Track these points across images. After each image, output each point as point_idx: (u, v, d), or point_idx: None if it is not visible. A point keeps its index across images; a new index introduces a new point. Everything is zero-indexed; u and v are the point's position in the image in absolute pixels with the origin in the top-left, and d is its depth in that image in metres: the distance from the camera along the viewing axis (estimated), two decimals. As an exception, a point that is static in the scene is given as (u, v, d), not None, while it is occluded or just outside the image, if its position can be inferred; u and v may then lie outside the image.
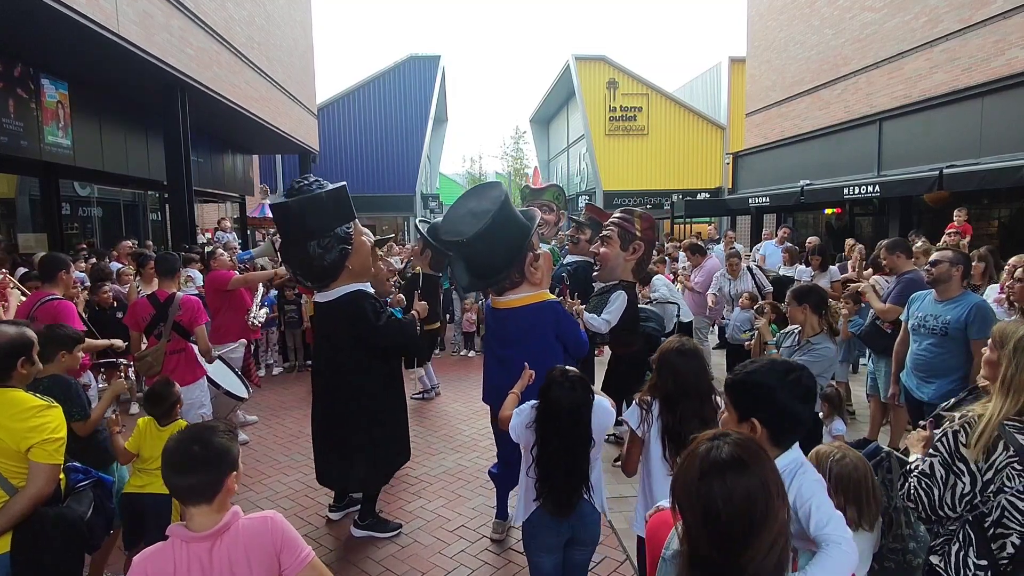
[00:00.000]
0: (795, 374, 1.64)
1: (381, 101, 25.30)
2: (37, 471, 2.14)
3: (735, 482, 1.12)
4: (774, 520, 1.12)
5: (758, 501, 1.11)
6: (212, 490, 1.57)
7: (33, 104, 7.30)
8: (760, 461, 1.17)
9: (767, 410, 1.59)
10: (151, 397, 3.11)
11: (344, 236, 3.46)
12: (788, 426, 1.61)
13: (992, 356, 2.10)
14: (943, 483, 1.89)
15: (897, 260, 4.71)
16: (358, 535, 3.71)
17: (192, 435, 1.62)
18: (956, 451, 1.88)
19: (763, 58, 16.59)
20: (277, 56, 12.68)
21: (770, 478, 1.15)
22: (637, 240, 4.62)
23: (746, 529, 1.11)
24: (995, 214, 10.95)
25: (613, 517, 3.86)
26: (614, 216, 4.83)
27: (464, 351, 8.92)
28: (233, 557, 1.57)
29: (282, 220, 3.56)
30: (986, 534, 1.85)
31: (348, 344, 3.55)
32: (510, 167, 38.16)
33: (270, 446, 5.35)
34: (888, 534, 2.18)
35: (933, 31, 10.52)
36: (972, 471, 1.84)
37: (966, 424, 1.90)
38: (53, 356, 2.99)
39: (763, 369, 1.65)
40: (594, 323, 4.33)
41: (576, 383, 2.35)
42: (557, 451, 2.32)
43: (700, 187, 24.89)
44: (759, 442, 1.44)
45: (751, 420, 1.59)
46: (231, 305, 5.64)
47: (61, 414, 2.23)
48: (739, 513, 1.11)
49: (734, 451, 1.17)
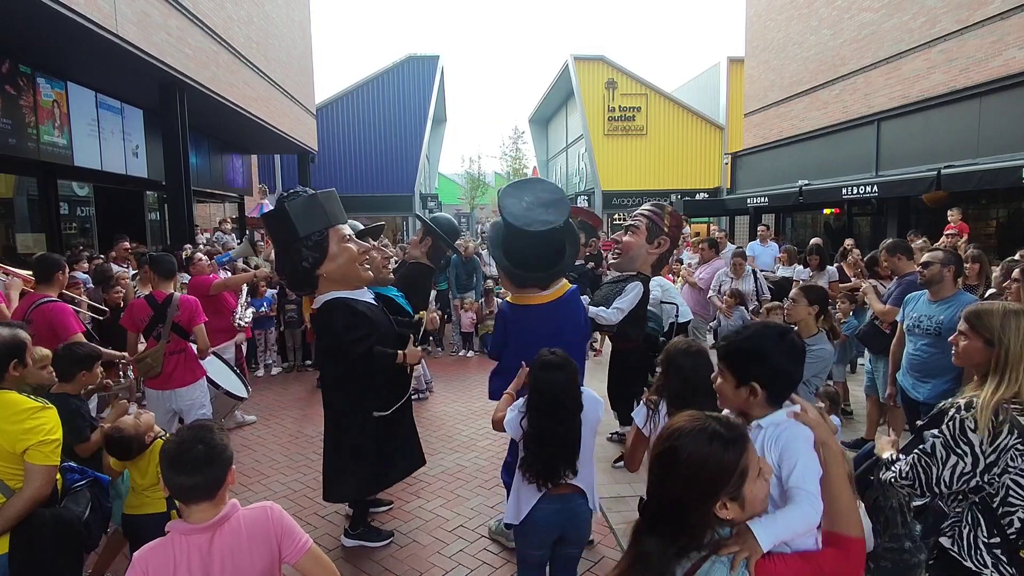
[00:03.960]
0: (788, 336, 1.71)
1: (380, 101, 25.29)
2: (34, 473, 2.14)
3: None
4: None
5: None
6: (216, 487, 1.60)
7: (23, 101, 7.25)
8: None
9: (766, 373, 1.64)
10: (117, 448, 2.78)
11: (315, 244, 3.36)
12: (785, 386, 1.67)
13: (976, 344, 2.12)
14: (942, 462, 1.95)
15: (898, 262, 4.72)
16: (348, 544, 3.67)
17: (193, 436, 1.63)
18: (962, 434, 1.93)
19: (761, 58, 16.61)
20: (276, 56, 12.68)
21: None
22: (664, 235, 4.61)
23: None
24: (993, 214, 10.97)
25: (612, 517, 3.87)
26: (645, 208, 4.80)
27: (463, 351, 8.93)
28: (233, 546, 1.59)
29: (266, 230, 3.59)
30: (995, 513, 1.93)
31: (322, 353, 3.57)
32: (509, 167, 38.13)
33: (269, 446, 5.35)
34: (884, 534, 2.19)
35: (931, 31, 10.54)
36: (976, 453, 1.90)
37: (974, 413, 1.95)
38: (73, 375, 3.02)
39: (758, 335, 1.70)
40: (604, 315, 4.29)
41: (562, 356, 2.45)
42: (547, 418, 2.37)
43: (699, 187, 24.91)
44: (756, 404, 1.64)
45: (751, 384, 1.64)
46: (215, 308, 5.65)
47: (56, 415, 2.23)
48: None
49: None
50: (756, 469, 1.32)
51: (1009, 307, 2.11)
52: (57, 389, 3.02)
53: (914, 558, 2.18)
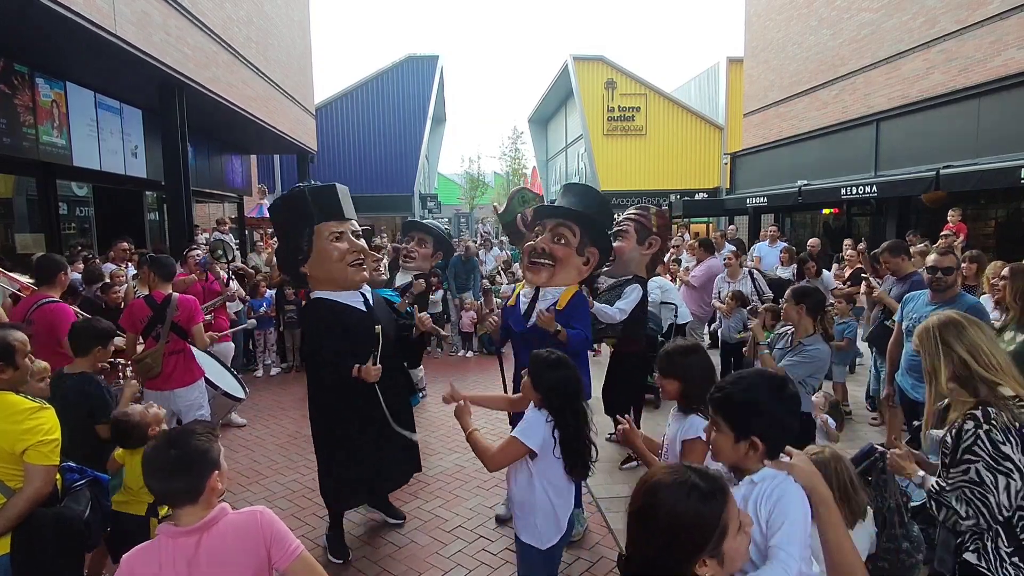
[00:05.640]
0: (788, 389, 1.65)
1: (379, 101, 25.29)
2: (34, 472, 2.14)
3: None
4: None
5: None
6: (194, 491, 1.60)
7: (18, 100, 7.22)
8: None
9: (766, 426, 1.58)
10: (117, 431, 2.89)
11: (300, 242, 3.35)
12: (784, 439, 1.62)
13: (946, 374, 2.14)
14: (994, 487, 1.88)
15: (902, 263, 4.76)
16: (322, 543, 3.67)
17: (169, 440, 1.64)
18: (997, 451, 1.88)
19: (761, 58, 16.61)
20: (275, 56, 12.67)
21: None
22: (653, 235, 4.64)
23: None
24: (992, 214, 10.97)
25: (612, 518, 3.87)
26: (630, 212, 4.85)
27: (463, 351, 8.93)
28: (221, 550, 1.59)
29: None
30: (1012, 522, 1.90)
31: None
32: (508, 167, 38.13)
33: (268, 447, 5.35)
34: (882, 534, 2.19)
35: (930, 32, 10.54)
36: (1019, 465, 1.86)
37: (992, 422, 1.93)
38: (89, 349, 3.06)
39: (756, 386, 1.63)
40: (607, 311, 4.31)
41: (559, 353, 2.53)
42: (573, 415, 2.44)
43: (698, 187, 24.90)
44: (754, 458, 1.57)
45: (751, 439, 1.58)
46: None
47: (54, 415, 2.24)
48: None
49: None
50: (736, 523, 1.28)
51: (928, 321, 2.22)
52: (71, 368, 3.04)
53: (911, 558, 2.18)
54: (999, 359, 2.06)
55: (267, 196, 16.33)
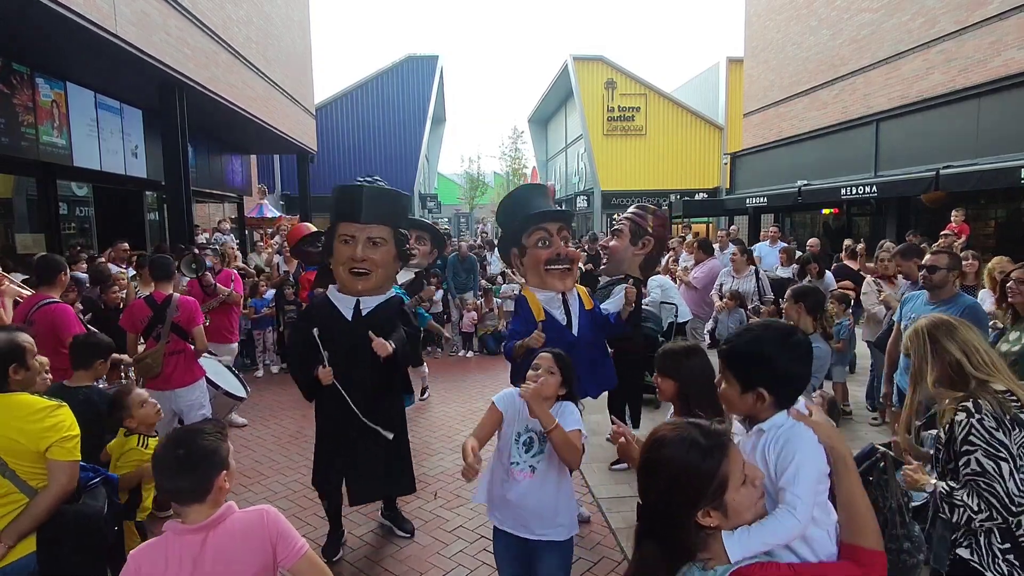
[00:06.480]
0: (793, 336, 1.60)
1: (379, 101, 25.31)
2: (58, 469, 2.17)
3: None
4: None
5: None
6: (201, 491, 1.61)
7: (16, 100, 7.21)
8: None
9: (772, 378, 1.55)
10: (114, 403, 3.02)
11: (328, 237, 3.57)
12: (793, 389, 1.59)
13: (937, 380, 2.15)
14: (997, 474, 1.87)
15: (914, 266, 4.75)
16: (323, 542, 3.65)
17: (177, 439, 1.66)
18: (992, 437, 1.88)
19: (761, 58, 16.63)
20: (275, 56, 12.67)
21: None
22: (647, 236, 4.64)
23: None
24: (992, 214, 10.98)
25: (612, 518, 3.87)
26: (629, 211, 4.85)
27: (462, 352, 8.93)
28: (227, 548, 1.61)
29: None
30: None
31: None
32: (508, 167, 38.12)
33: (269, 446, 5.35)
34: (883, 535, 2.19)
35: (930, 32, 10.56)
36: (1013, 453, 1.86)
37: (983, 411, 1.94)
38: (91, 364, 3.06)
39: (762, 337, 1.59)
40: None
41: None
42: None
43: (698, 187, 24.94)
44: (764, 408, 1.57)
45: (757, 390, 1.55)
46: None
47: (71, 413, 2.27)
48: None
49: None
50: (740, 477, 1.30)
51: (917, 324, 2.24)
52: (73, 381, 3.04)
53: (913, 558, 2.18)
54: (992, 357, 2.08)
55: (267, 196, 16.34)
